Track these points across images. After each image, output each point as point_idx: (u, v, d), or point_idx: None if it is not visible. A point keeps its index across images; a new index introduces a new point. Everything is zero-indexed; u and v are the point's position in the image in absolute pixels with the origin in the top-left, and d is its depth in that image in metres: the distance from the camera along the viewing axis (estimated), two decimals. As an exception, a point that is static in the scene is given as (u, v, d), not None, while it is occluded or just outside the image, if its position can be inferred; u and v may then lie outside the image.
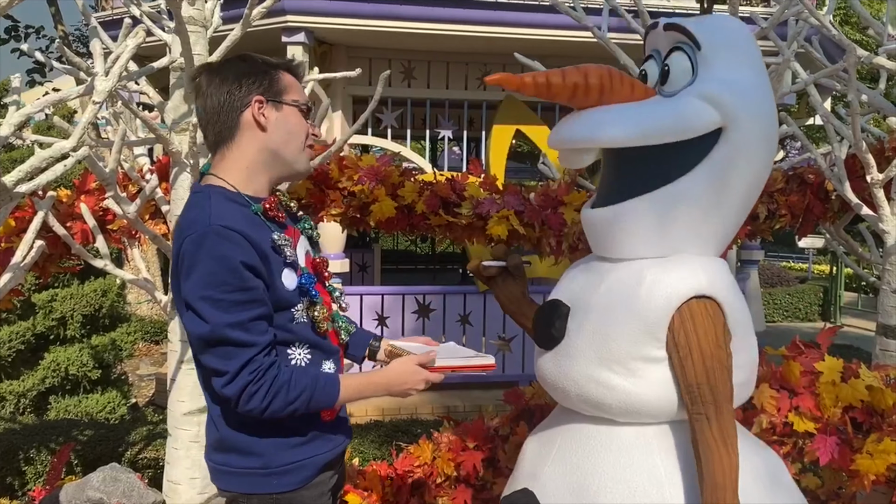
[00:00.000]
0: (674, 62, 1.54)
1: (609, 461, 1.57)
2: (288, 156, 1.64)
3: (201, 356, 1.54)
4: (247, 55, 1.67)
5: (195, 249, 1.49)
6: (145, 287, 3.01)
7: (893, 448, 2.37)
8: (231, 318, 1.48)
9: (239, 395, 1.49)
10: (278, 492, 1.59)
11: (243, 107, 1.58)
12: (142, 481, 2.92)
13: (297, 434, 1.60)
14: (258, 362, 1.49)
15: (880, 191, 2.66)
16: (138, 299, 9.00)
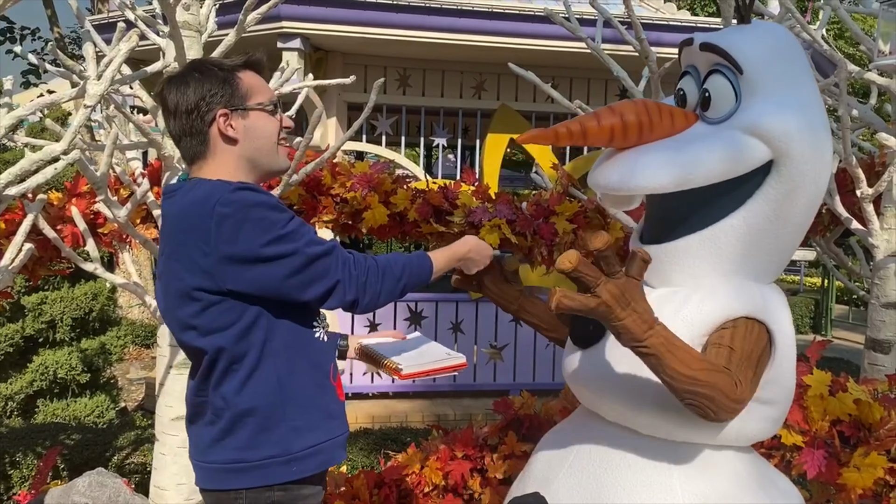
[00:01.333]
0: (714, 88, 1.45)
1: (627, 477, 1.53)
2: (264, 160, 1.64)
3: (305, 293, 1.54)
4: (202, 63, 1.64)
5: (233, 210, 1.47)
6: (135, 291, 2.99)
7: (880, 462, 2.38)
8: (304, 240, 1.52)
9: (360, 292, 1.57)
10: (297, 479, 1.57)
11: (209, 122, 1.57)
12: (128, 487, 2.90)
13: (312, 416, 1.59)
14: (348, 259, 1.57)
15: (870, 205, 2.68)
16: (129, 303, 8.96)
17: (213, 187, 1.53)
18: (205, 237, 1.48)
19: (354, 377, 6.07)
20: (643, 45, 2.89)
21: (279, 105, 1.68)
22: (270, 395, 1.56)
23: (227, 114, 1.58)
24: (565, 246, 3.08)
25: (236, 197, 1.48)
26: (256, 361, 1.55)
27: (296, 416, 1.57)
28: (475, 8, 5.50)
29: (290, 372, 1.58)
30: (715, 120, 1.46)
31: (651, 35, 5.62)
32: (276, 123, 1.65)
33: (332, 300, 1.56)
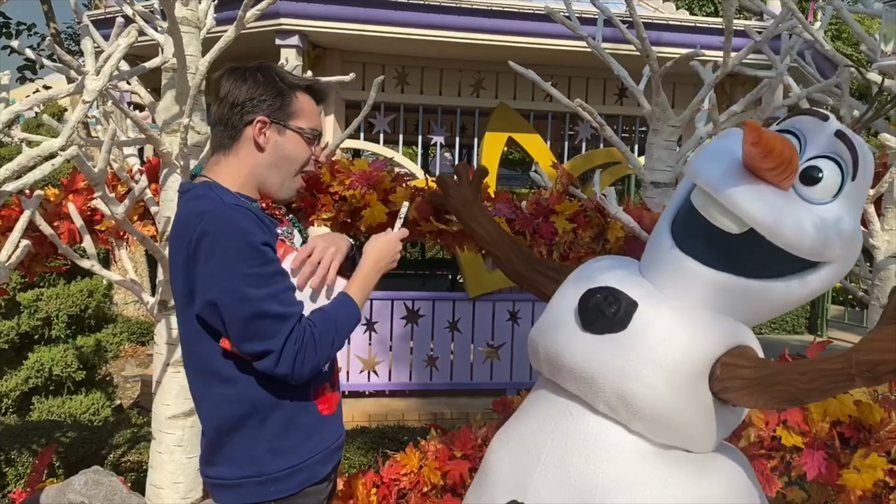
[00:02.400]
0: (828, 176, 1.49)
1: (617, 473, 1.53)
2: (275, 180, 1.64)
3: (242, 344, 1.49)
4: (269, 68, 1.66)
5: (215, 229, 1.47)
6: (132, 288, 2.98)
7: (880, 463, 2.38)
8: (266, 290, 1.48)
9: (292, 369, 1.49)
10: (276, 498, 1.57)
11: (247, 122, 1.59)
12: (125, 485, 2.89)
13: (291, 437, 1.58)
14: (297, 332, 1.49)
15: (870, 206, 2.67)
16: (125, 300, 8.93)
17: (208, 202, 1.53)
18: (188, 249, 1.50)
19: (351, 375, 6.07)
20: (644, 44, 2.88)
21: (319, 139, 1.69)
22: (245, 417, 1.56)
23: (265, 122, 1.59)
24: (565, 245, 3.06)
25: (226, 219, 1.48)
26: (231, 381, 1.55)
27: (272, 437, 1.57)
28: (474, 6, 5.49)
29: (262, 393, 1.56)
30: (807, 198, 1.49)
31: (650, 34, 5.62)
32: (308, 153, 1.66)
33: (261, 363, 1.50)
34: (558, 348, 1.61)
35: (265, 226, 1.55)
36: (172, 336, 2.93)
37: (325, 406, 1.65)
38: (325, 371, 1.65)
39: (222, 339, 1.52)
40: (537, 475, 1.59)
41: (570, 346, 1.59)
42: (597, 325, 1.55)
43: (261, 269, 1.48)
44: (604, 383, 1.53)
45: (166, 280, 2.89)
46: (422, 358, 6.23)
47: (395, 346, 6.22)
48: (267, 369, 1.49)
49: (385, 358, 6.18)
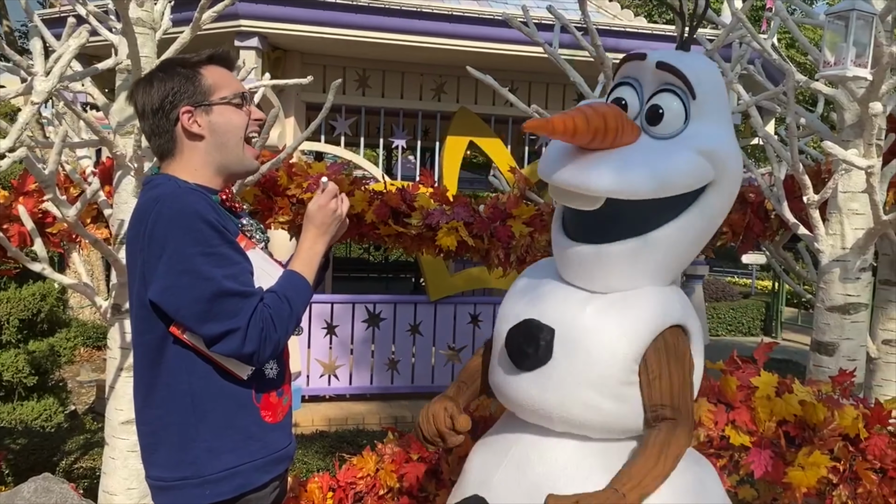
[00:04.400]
0: (668, 106, 1.52)
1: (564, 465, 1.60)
2: (230, 157, 1.63)
3: (203, 326, 1.46)
4: (167, 62, 1.64)
5: (171, 211, 1.46)
6: (85, 292, 2.93)
7: (823, 461, 2.45)
8: (226, 269, 1.46)
9: (257, 347, 1.47)
10: (213, 502, 1.54)
11: (174, 121, 1.57)
12: (76, 492, 2.84)
13: (229, 438, 1.56)
14: (260, 311, 1.48)
15: (816, 211, 2.75)
16: (80, 303, 8.76)
17: (167, 187, 1.53)
18: (144, 234, 1.48)
19: (311, 379, 6.03)
20: (599, 52, 2.93)
21: (247, 98, 1.66)
22: (183, 413, 1.54)
23: (190, 111, 1.57)
24: (521, 249, 3.10)
25: (181, 200, 1.48)
26: (175, 371, 1.54)
27: (210, 436, 1.54)
28: (435, 10, 5.51)
29: (205, 390, 1.54)
30: (662, 136, 1.53)
31: (608, 41, 5.71)
32: (244, 117, 1.63)
33: (224, 344, 1.47)
34: (502, 388, 1.67)
35: (221, 214, 1.55)
36: (126, 340, 2.89)
37: (268, 413, 1.62)
38: (272, 378, 1.63)
39: (172, 325, 1.50)
40: (499, 474, 1.65)
41: (511, 385, 1.64)
42: (526, 364, 1.60)
43: (218, 248, 1.47)
44: (550, 413, 1.59)
45: (120, 283, 2.85)
46: (383, 361, 6.23)
47: (356, 350, 6.21)
48: (232, 350, 1.47)
49: (346, 361, 6.16)
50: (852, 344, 2.81)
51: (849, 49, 2.31)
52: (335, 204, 1.66)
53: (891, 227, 2.63)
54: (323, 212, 1.65)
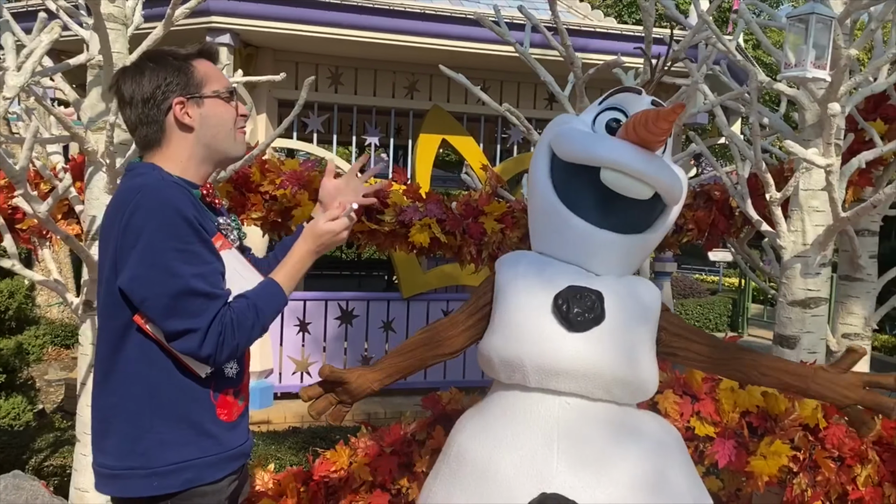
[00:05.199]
0: None
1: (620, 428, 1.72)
2: (220, 146, 1.65)
3: (165, 321, 1.48)
4: (157, 53, 1.65)
5: (150, 203, 1.47)
6: (56, 289, 2.91)
7: (784, 450, 2.53)
8: (196, 268, 1.47)
9: (214, 350, 1.48)
10: (160, 494, 1.53)
11: (166, 111, 1.59)
12: (47, 489, 2.82)
13: (182, 432, 1.55)
14: (223, 314, 1.49)
15: (778, 209, 2.83)
16: (48, 301, 8.65)
17: (150, 177, 1.53)
18: (121, 221, 1.49)
19: (284, 376, 6.03)
20: (569, 51, 2.98)
21: (234, 92, 1.69)
22: (138, 402, 1.53)
23: (183, 102, 1.59)
24: (493, 245, 3.15)
25: (161, 193, 1.49)
26: (136, 360, 1.54)
27: (163, 428, 1.54)
28: (407, 9, 5.54)
29: (163, 382, 1.54)
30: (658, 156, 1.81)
31: (578, 41, 5.78)
32: (233, 111, 1.66)
33: (182, 343, 1.48)
34: (553, 356, 1.67)
35: (200, 211, 1.56)
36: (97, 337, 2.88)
37: (224, 412, 1.62)
38: (231, 378, 1.64)
39: (136, 314, 1.51)
40: (556, 463, 1.64)
41: (564, 351, 1.66)
42: (582, 325, 1.66)
43: (192, 246, 1.48)
44: (605, 374, 1.66)
45: (92, 280, 2.84)
46: (356, 358, 6.25)
47: (329, 347, 6.22)
48: (188, 350, 1.48)
49: (318, 359, 6.17)
50: (813, 337, 2.90)
51: (808, 51, 2.38)
52: (346, 234, 1.70)
53: (849, 223, 2.72)
54: (332, 238, 1.69)
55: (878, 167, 3.41)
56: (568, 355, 1.66)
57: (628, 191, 1.68)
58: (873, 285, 3.61)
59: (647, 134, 1.64)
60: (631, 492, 1.62)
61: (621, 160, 1.66)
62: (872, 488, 2.56)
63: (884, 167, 3.42)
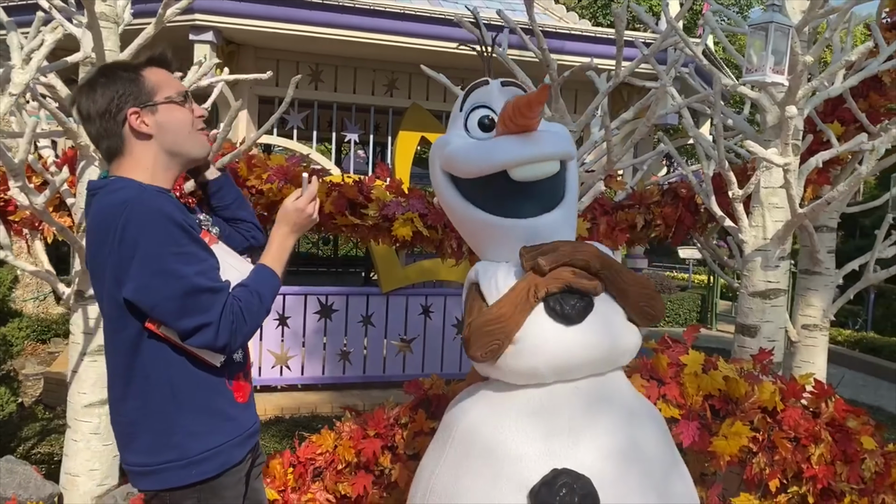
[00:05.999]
0: None
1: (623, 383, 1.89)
2: (182, 149, 1.73)
3: (178, 321, 1.55)
4: (108, 67, 1.72)
5: (140, 214, 1.54)
6: (47, 279, 3.00)
7: (745, 431, 2.69)
8: (196, 267, 1.56)
9: (229, 338, 1.57)
10: (199, 480, 1.65)
11: (122, 122, 1.66)
12: (38, 473, 2.91)
13: (208, 421, 1.66)
14: (231, 304, 1.59)
15: (740, 205, 3.00)
16: (24, 297, 8.61)
17: (132, 190, 1.60)
18: (114, 237, 1.54)
19: (263, 370, 6.12)
20: (545, 55, 3.13)
21: (188, 95, 1.76)
22: (163, 402, 1.63)
23: (137, 112, 1.66)
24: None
25: (150, 203, 1.56)
26: (153, 364, 1.63)
27: (191, 421, 1.64)
28: (387, 9, 5.65)
29: (183, 379, 1.64)
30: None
31: (553, 43, 5.94)
32: (188, 113, 1.74)
33: (198, 338, 1.56)
34: (564, 355, 1.75)
35: (185, 212, 1.65)
36: (89, 325, 2.97)
37: (239, 395, 1.73)
38: (238, 362, 1.76)
39: (147, 321, 1.60)
40: (569, 441, 1.73)
41: (572, 346, 1.74)
42: (579, 317, 1.75)
43: (188, 247, 1.57)
44: (609, 349, 1.77)
45: (83, 270, 2.93)
46: (335, 352, 6.34)
47: (308, 341, 6.31)
48: (205, 343, 1.57)
49: (298, 352, 6.26)
50: (772, 326, 3.07)
51: (768, 57, 2.55)
52: (312, 208, 1.80)
53: (806, 219, 2.89)
54: (301, 214, 1.78)
55: (836, 166, 3.60)
56: (577, 349, 1.74)
57: (542, 174, 1.74)
58: (831, 279, 3.81)
59: (525, 121, 1.71)
60: (648, 465, 1.77)
61: (522, 155, 1.72)
62: (825, 466, 2.73)
63: (841, 167, 3.62)
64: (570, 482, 1.67)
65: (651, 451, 1.80)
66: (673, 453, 1.89)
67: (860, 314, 10.77)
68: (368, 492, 2.74)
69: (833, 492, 2.78)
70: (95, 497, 2.98)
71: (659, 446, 1.83)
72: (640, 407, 1.90)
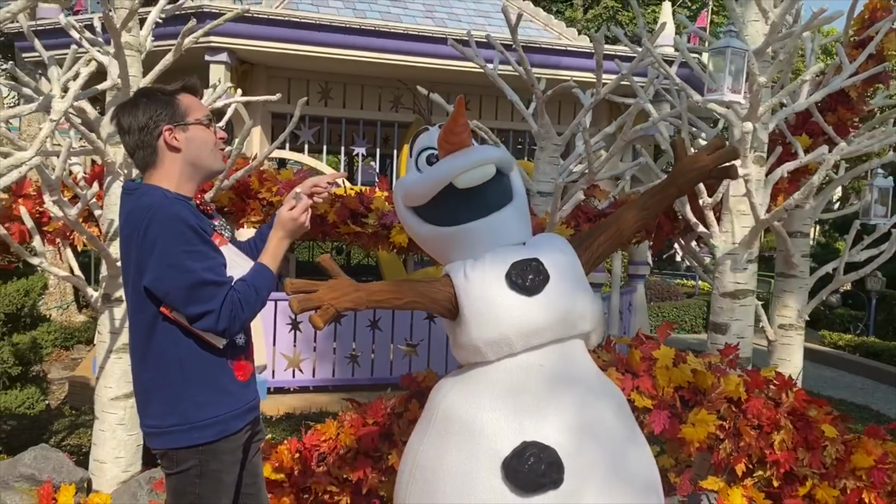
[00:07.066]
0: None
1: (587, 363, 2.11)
2: (204, 163, 2.06)
3: (186, 307, 1.86)
4: (148, 90, 2.05)
5: (160, 218, 1.86)
6: (77, 283, 3.31)
7: (711, 420, 2.94)
8: (204, 263, 1.87)
9: (228, 324, 1.87)
10: (199, 443, 1.96)
11: (157, 137, 1.99)
12: (70, 459, 3.20)
13: (211, 393, 1.97)
14: (231, 296, 1.89)
15: (710, 212, 3.25)
16: (48, 305, 8.98)
17: (153, 198, 1.93)
18: (139, 235, 1.89)
19: (277, 372, 6.40)
20: (529, 76, 3.41)
21: (213, 119, 2.10)
22: (172, 375, 1.94)
23: (171, 128, 1.99)
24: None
25: (170, 209, 1.89)
26: (165, 342, 1.95)
27: (196, 393, 1.94)
28: (392, 30, 5.96)
29: (191, 357, 1.94)
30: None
31: (551, 59, 6.22)
32: (212, 134, 2.07)
33: (202, 322, 1.86)
34: (528, 320, 2.00)
35: (199, 218, 1.97)
36: (115, 325, 3.27)
37: (240, 374, 2.03)
38: (241, 346, 2.06)
39: (162, 306, 1.92)
40: (536, 417, 1.96)
41: (534, 312, 1.99)
42: (538, 288, 2.00)
43: (198, 247, 1.88)
44: (569, 314, 2.01)
45: (110, 275, 3.23)
46: (344, 355, 6.62)
47: (319, 345, 6.59)
48: (208, 327, 1.87)
49: (309, 356, 6.54)
50: (741, 324, 3.32)
51: (725, 78, 2.81)
52: (304, 217, 2.10)
53: (768, 224, 3.14)
54: (294, 223, 2.08)
55: (806, 176, 3.85)
56: (539, 314, 1.99)
57: (480, 178, 1.99)
58: (806, 281, 4.04)
59: (455, 137, 1.99)
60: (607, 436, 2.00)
61: (459, 165, 1.99)
62: (787, 452, 2.96)
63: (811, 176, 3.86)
64: (537, 452, 1.90)
65: (610, 424, 2.04)
66: (631, 425, 2.13)
67: (862, 319, 10.92)
68: (368, 476, 3.00)
69: (796, 476, 3.01)
70: (121, 482, 3.27)
71: (617, 419, 2.08)
72: (600, 384, 2.13)
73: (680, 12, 16.01)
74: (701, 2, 17.09)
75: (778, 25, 2.96)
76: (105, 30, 3.55)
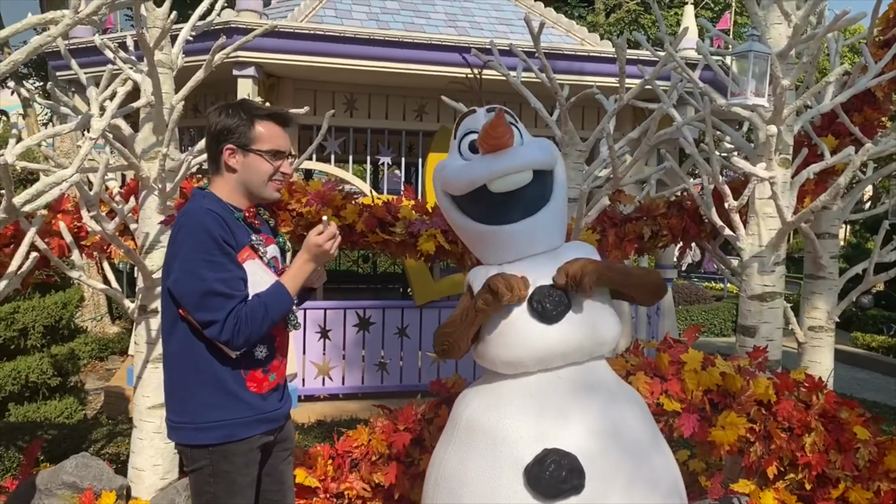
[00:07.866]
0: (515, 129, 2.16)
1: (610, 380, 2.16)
2: (254, 190, 2.13)
3: (195, 313, 1.94)
4: (242, 104, 2.12)
5: (188, 225, 1.97)
6: (115, 295, 3.40)
7: (741, 422, 2.94)
8: (218, 274, 1.94)
9: (231, 336, 1.93)
10: (205, 444, 2.02)
11: (220, 152, 2.09)
12: (110, 467, 3.28)
13: (220, 397, 2.02)
14: (238, 310, 1.95)
15: (736, 215, 3.25)
16: (83, 318, 9.16)
17: (193, 204, 2.04)
18: (172, 236, 2.02)
19: (307, 380, 6.48)
20: (553, 84, 3.44)
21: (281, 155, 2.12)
22: (187, 375, 2.02)
23: (233, 149, 2.08)
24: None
25: (195, 218, 1.98)
26: (182, 341, 2.03)
27: (206, 394, 2.01)
28: (415, 40, 6.02)
29: (204, 360, 2.01)
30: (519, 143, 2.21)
31: (574, 65, 6.24)
32: (270, 168, 2.11)
33: (208, 331, 1.94)
34: (544, 348, 2.04)
35: (231, 230, 2.01)
36: (151, 336, 3.35)
37: (253, 385, 2.07)
38: (260, 359, 2.07)
39: (180, 308, 2.00)
40: (557, 424, 2.02)
41: (552, 341, 2.04)
42: (557, 317, 2.04)
43: (217, 258, 1.95)
44: (589, 340, 2.06)
45: (146, 287, 3.32)
46: (373, 362, 6.68)
47: (348, 352, 6.66)
48: (212, 335, 1.94)
49: (339, 363, 6.61)
50: (770, 327, 3.31)
51: (749, 82, 2.82)
52: (330, 245, 2.13)
53: (794, 226, 3.14)
54: (320, 249, 2.10)
55: (833, 177, 3.83)
56: (555, 343, 2.04)
57: (514, 185, 2.02)
58: (835, 282, 4.02)
59: (494, 141, 2.02)
60: (629, 442, 2.05)
61: (492, 171, 2.02)
62: (819, 454, 2.96)
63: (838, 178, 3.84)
64: (558, 459, 1.95)
65: (631, 430, 2.08)
66: (653, 431, 2.16)
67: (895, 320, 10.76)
68: (399, 480, 3.05)
69: (828, 478, 3.00)
70: (159, 489, 3.34)
71: (639, 425, 2.11)
72: (621, 391, 2.16)
73: (703, 14, 15.94)
74: (724, 2, 16.98)
75: (801, 28, 2.97)
76: (137, 47, 3.67)
